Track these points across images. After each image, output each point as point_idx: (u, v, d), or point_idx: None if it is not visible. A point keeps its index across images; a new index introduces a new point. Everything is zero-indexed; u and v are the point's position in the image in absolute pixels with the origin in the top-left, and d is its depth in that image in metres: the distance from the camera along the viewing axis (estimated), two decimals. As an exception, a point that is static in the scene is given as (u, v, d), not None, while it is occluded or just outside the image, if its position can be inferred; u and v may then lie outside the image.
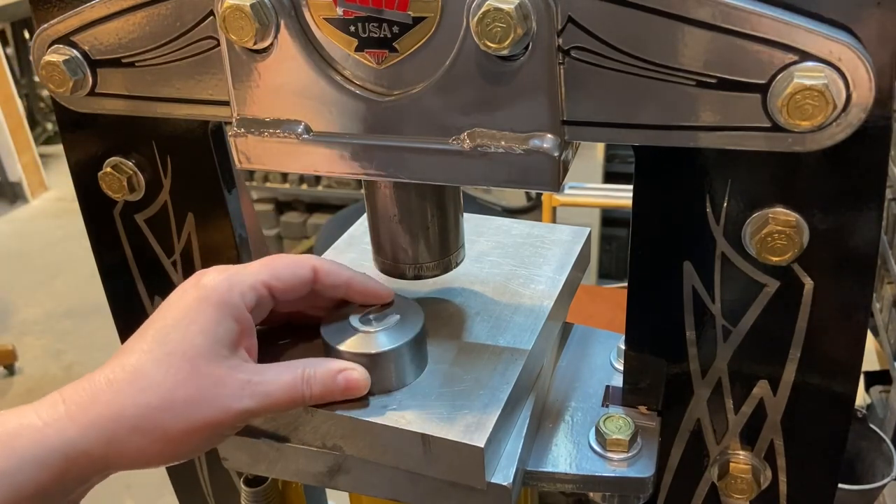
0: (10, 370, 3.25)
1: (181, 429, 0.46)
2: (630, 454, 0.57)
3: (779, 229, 0.47)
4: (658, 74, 0.43)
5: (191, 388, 0.46)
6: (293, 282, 0.53)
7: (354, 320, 0.55)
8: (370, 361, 0.53)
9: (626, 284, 0.55)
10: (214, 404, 0.47)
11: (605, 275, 3.14)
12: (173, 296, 0.50)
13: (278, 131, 0.52)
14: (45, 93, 5.06)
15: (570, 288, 0.69)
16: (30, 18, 0.59)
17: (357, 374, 0.52)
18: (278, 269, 0.52)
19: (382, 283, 0.57)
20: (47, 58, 0.55)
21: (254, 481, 0.74)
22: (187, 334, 0.47)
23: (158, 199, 0.64)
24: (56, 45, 0.55)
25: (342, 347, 0.54)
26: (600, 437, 0.58)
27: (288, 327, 0.59)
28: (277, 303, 0.54)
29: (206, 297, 0.48)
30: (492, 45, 0.43)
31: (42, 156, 5.01)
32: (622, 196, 2.32)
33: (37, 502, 0.43)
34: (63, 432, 0.44)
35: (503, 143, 0.47)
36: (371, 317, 0.56)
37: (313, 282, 0.54)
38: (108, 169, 0.63)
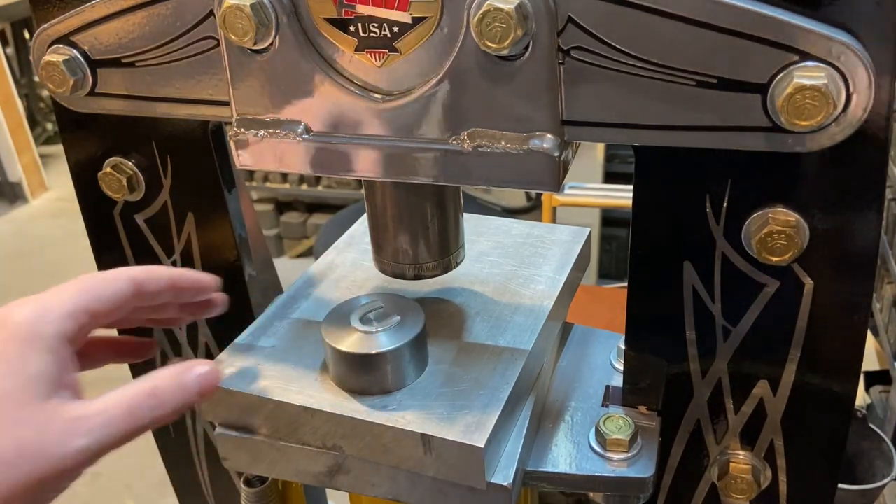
0: (10, 370, 3.25)
1: (8, 493, 0.39)
2: (630, 454, 0.57)
3: (779, 229, 0.47)
4: (658, 74, 0.43)
5: (6, 443, 0.39)
6: (114, 300, 0.47)
7: (355, 320, 0.55)
8: (371, 361, 0.53)
9: (626, 284, 0.55)
10: (41, 455, 0.39)
11: (605, 275, 3.14)
12: None
13: (278, 131, 0.52)
14: (45, 93, 5.06)
15: (570, 288, 0.69)
16: (30, 18, 0.59)
17: (203, 365, 0.48)
18: (96, 289, 0.46)
19: (203, 273, 0.55)
20: (47, 58, 0.55)
21: (254, 481, 0.74)
22: None
23: (158, 199, 0.64)
24: (56, 45, 0.55)
25: (343, 347, 0.54)
26: (600, 437, 0.58)
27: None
28: (98, 325, 0.48)
29: (11, 335, 0.42)
30: (492, 45, 0.43)
31: (42, 156, 5.01)
32: (622, 196, 2.32)
33: None
34: None
35: (503, 143, 0.47)
36: (371, 317, 0.56)
37: (135, 294, 0.49)
38: (108, 169, 0.63)
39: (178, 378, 0.46)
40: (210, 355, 0.71)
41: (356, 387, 0.55)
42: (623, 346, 0.64)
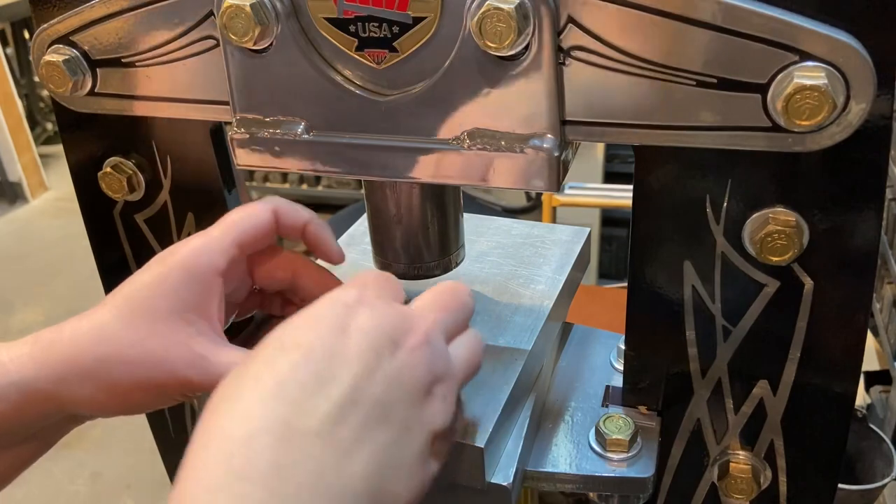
0: (10, 370, 3.25)
1: (127, 384, 0.47)
2: (630, 454, 0.57)
3: (779, 229, 0.47)
4: (658, 74, 0.43)
5: (144, 347, 0.47)
6: (258, 232, 0.51)
7: None
8: None
9: (626, 284, 0.55)
10: (162, 368, 0.47)
11: (605, 275, 3.14)
12: (152, 260, 0.50)
13: (278, 131, 0.52)
14: (45, 93, 5.05)
15: (570, 288, 0.69)
16: (30, 18, 0.59)
17: None
18: (242, 225, 0.50)
19: (334, 244, 0.55)
20: (47, 58, 0.55)
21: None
22: (152, 295, 0.48)
23: (158, 199, 0.64)
24: (56, 45, 0.55)
25: None
26: (600, 437, 0.58)
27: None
28: (248, 260, 0.53)
29: (175, 262, 0.49)
30: (492, 45, 0.43)
31: (42, 156, 5.00)
32: (622, 196, 2.32)
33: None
34: (21, 370, 0.47)
35: (503, 143, 0.47)
36: None
37: (274, 224, 0.52)
38: (108, 169, 0.63)
39: None
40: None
41: None
42: (623, 346, 0.64)
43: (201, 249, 0.49)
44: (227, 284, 0.51)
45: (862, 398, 2.12)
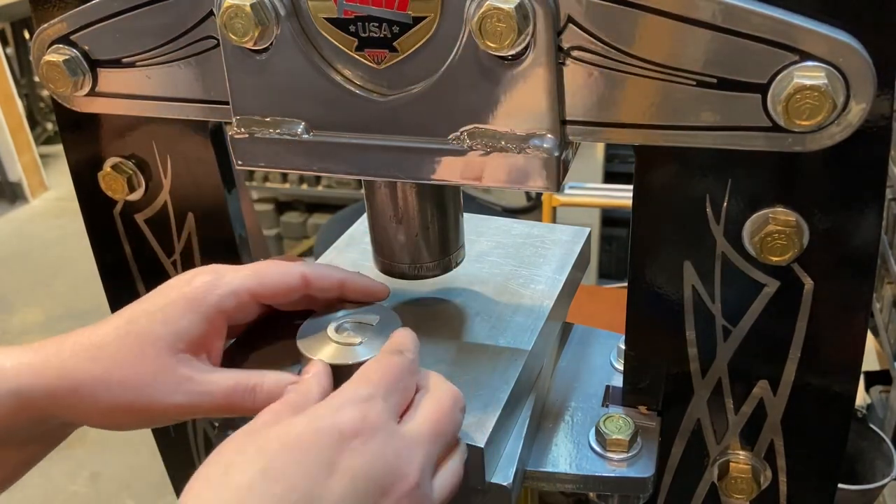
0: (10, 370, 3.24)
1: (109, 404, 0.48)
2: (630, 454, 0.57)
3: (779, 229, 0.47)
4: (658, 74, 0.43)
5: (131, 370, 0.48)
6: (280, 290, 0.52)
7: (331, 331, 0.53)
8: (347, 372, 0.51)
9: (626, 284, 0.55)
10: (146, 392, 0.48)
11: (605, 275, 3.14)
12: (164, 284, 0.51)
13: (278, 131, 0.52)
14: (45, 93, 5.05)
15: (570, 288, 0.69)
16: (30, 18, 0.59)
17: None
18: (266, 276, 0.52)
19: (376, 280, 0.57)
20: (47, 58, 0.55)
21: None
22: (152, 321, 0.49)
23: (158, 199, 0.64)
24: (56, 45, 0.55)
25: (316, 357, 0.52)
26: (600, 437, 0.58)
27: (276, 327, 0.59)
28: (267, 305, 0.53)
29: (184, 293, 0.50)
30: (492, 45, 0.43)
31: (42, 156, 5.00)
32: (622, 196, 2.31)
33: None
34: (19, 378, 0.48)
35: (503, 143, 0.47)
36: (347, 326, 0.54)
37: (304, 288, 0.53)
38: (108, 169, 0.63)
39: (279, 389, 0.49)
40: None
41: None
42: (623, 346, 0.64)
43: (214, 286, 0.50)
44: (233, 319, 0.52)
45: (862, 398, 2.12)
